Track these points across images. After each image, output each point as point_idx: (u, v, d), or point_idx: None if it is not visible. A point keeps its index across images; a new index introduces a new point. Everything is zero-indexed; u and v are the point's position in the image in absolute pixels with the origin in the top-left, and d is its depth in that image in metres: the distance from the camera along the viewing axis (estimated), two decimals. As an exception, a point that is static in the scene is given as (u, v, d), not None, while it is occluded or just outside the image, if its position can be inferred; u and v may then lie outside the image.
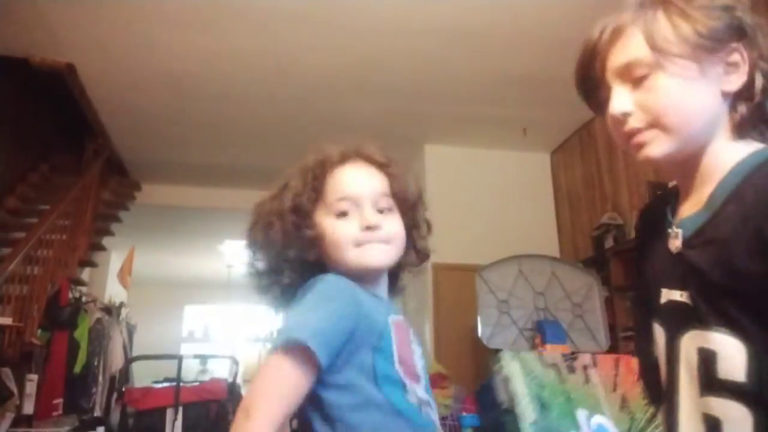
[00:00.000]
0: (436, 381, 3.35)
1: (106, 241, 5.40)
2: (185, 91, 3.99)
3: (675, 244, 0.73)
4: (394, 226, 0.85)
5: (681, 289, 0.71)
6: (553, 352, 2.69)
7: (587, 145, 4.45)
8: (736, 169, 0.70)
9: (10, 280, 3.71)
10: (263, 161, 5.29)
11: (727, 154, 0.71)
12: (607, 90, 0.76)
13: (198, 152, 5.05)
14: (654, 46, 0.71)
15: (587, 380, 0.64)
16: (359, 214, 0.83)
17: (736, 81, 0.71)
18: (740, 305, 0.65)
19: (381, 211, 0.85)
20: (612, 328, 3.14)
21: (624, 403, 0.72)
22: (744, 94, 0.71)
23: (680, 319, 0.71)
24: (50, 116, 5.14)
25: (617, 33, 0.76)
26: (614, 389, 0.69)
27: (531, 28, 3.31)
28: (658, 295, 0.75)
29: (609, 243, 3.82)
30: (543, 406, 0.60)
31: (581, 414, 0.59)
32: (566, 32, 3.33)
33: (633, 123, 0.72)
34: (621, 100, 0.73)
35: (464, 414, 2.97)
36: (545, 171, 4.95)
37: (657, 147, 0.72)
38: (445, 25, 3.29)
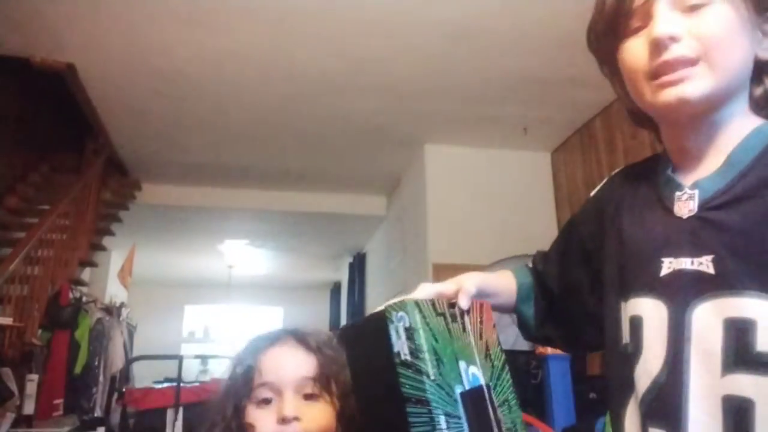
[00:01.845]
0: (436, 381, 3.35)
1: (106, 241, 5.40)
2: (185, 91, 3.99)
3: (687, 207, 0.67)
4: (316, 417, 0.78)
5: (696, 255, 0.64)
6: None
7: (588, 145, 4.45)
8: (760, 133, 0.66)
9: (11, 280, 3.71)
10: (263, 161, 5.30)
11: (743, 123, 0.68)
12: (645, 15, 0.67)
13: (198, 152, 5.05)
14: None
15: (464, 329, 0.63)
16: (279, 403, 0.77)
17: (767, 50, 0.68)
18: None
19: (308, 397, 0.79)
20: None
21: (487, 351, 0.69)
22: (766, 70, 0.68)
23: (691, 290, 0.63)
24: (50, 116, 5.14)
25: None
26: (480, 336, 0.67)
27: (531, 28, 3.31)
28: (655, 267, 0.67)
29: (609, 243, 3.82)
30: (438, 359, 0.57)
31: (462, 365, 0.58)
32: (566, 32, 3.33)
33: (680, 50, 0.64)
34: (669, 22, 0.65)
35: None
36: (545, 171, 4.95)
37: (699, 85, 0.64)
38: (446, 24, 3.28)
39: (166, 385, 5.01)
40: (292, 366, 0.80)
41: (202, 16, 3.21)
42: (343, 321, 8.37)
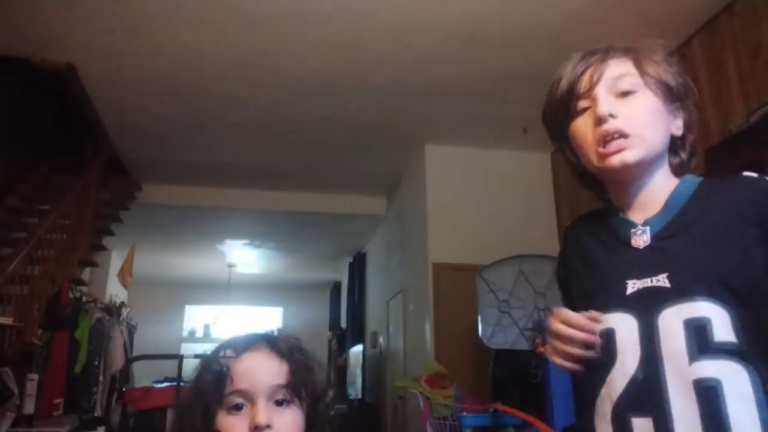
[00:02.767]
0: (436, 381, 3.35)
1: (106, 240, 5.40)
2: (185, 91, 3.99)
3: (642, 239, 0.87)
4: (288, 423, 0.79)
5: (654, 275, 0.82)
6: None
7: (587, 144, 4.45)
8: (685, 184, 0.89)
9: (11, 280, 3.71)
10: (263, 161, 5.30)
11: (668, 180, 0.90)
12: (590, 99, 0.89)
13: (198, 152, 5.05)
14: (642, 70, 0.88)
15: None
16: (251, 410, 0.77)
17: (678, 128, 0.90)
18: (721, 276, 0.77)
19: (280, 403, 0.79)
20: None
21: None
22: (678, 144, 0.91)
23: (655, 301, 0.81)
24: (50, 116, 5.14)
25: (608, 54, 0.91)
26: None
27: (532, 28, 3.31)
28: (621, 288, 0.85)
29: (609, 243, 3.82)
30: None
31: None
32: (567, 32, 3.33)
33: (617, 124, 0.85)
34: (609, 103, 0.87)
35: (464, 414, 2.97)
36: (545, 171, 4.94)
37: (632, 153, 0.85)
38: (446, 25, 3.29)
39: (166, 384, 5.01)
40: (265, 374, 0.80)
41: (202, 16, 3.21)
42: (343, 321, 8.37)
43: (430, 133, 4.67)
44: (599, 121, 0.86)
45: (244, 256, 8.07)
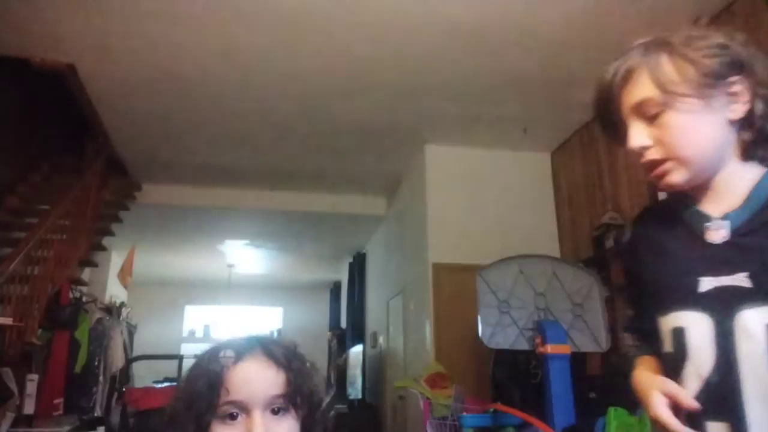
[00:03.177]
0: (436, 381, 3.35)
1: (106, 241, 5.40)
2: (185, 91, 3.99)
3: (720, 234, 0.81)
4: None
5: (732, 273, 0.77)
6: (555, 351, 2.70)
7: (587, 145, 4.45)
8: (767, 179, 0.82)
9: (11, 280, 3.71)
10: (263, 161, 5.30)
11: (741, 173, 0.83)
12: (625, 126, 0.86)
13: (198, 152, 5.05)
14: (662, 88, 0.81)
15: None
16: (247, 421, 0.75)
17: (739, 109, 0.81)
18: None
19: (276, 411, 0.77)
20: (612, 329, 3.14)
21: None
22: (748, 120, 0.82)
23: (732, 301, 0.76)
24: (50, 116, 5.14)
25: (628, 75, 0.85)
26: None
27: (531, 28, 3.31)
28: (691, 284, 0.81)
29: (609, 243, 3.82)
30: None
31: None
32: (567, 33, 3.33)
33: (651, 155, 0.83)
34: (638, 135, 0.83)
35: (465, 414, 2.97)
36: (545, 171, 4.95)
37: (677, 176, 0.82)
38: (446, 24, 3.29)
39: (165, 384, 5.01)
40: (261, 384, 0.77)
41: (202, 16, 3.21)
42: (343, 321, 8.37)
43: (430, 133, 4.67)
44: (634, 155, 0.84)
45: (244, 256, 8.08)
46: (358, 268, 7.61)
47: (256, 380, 0.77)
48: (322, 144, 4.89)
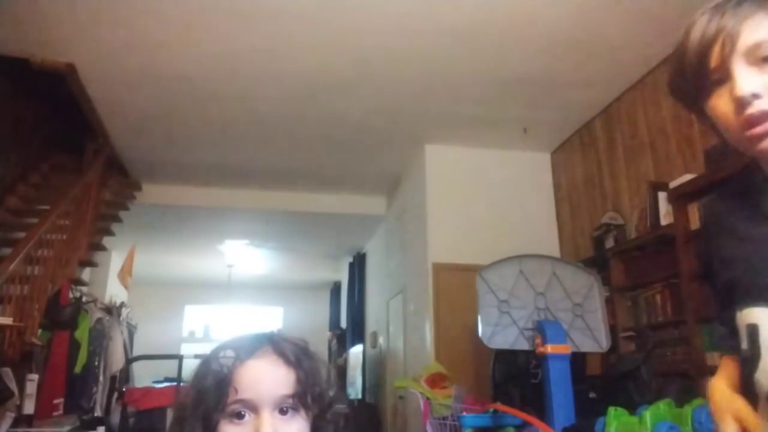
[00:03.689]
0: (436, 381, 3.35)
1: (106, 240, 5.40)
2: (185, 91, 3.99)
3: None
4: None
5: None
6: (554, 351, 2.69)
7: (587, 145, 4.45)
8: None
9: (11, 280, 3.71)
10: (263, 161, 5.30)
11: None
12: (725, 73, 0.74)
13: (198, 152, 5.05)
14: None
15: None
16: (255, 420, 0.74)
17: None
18: None
19: (285, 411, 0.75)
20: (612, 329, 3.15)
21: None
22: None
23: None
24: (50, 116, 5.14)
25: (741, 14, 0.74)
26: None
27: (531, 28, 3.31)
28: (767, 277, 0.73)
29: (609, 243, 3.82)
30: None
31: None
32: (567, 33, 3.33)
33: (762, 105, 0.71)
34: (750, 80, 0.72)
35: (464, 414, 2.97)
36: (545, 171, 4.95)
37: None
38: (445, 25, 3.29)
39: (165, 384, 5.02)
40: (271, 384, 0.75)
41: (202, 16, 3.21)
42: (343, 321, 8.37)
43: (430, 133, 4.67)
44: (741, 104, 0.72)
45: (244, 256, 8.08)
46: (358, 268, 7.61)
47: (266, 379, 0.75)
48: (323, 144, 4.89)
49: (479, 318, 2.89)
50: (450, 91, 4.02)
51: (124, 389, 4.44)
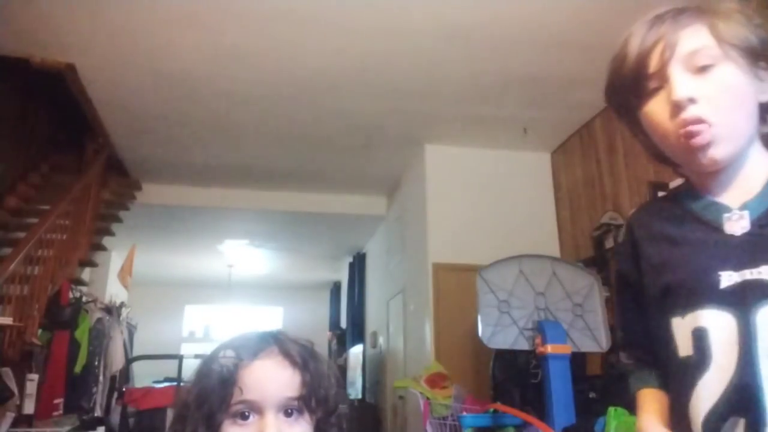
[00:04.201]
0: (436, 381, 3.35)
1: (106, 240, 5.40)
2: (185, 91, 3.99)
3: (740, 225, 0.75)
4: None
5: (755, 266, 0.72)
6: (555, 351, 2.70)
7: (587, 145, 4.45)
8: None
9: (11, 280, 3.71)
10: (263, 161, 5.30)
11: (763, 157, 0.79)
12: (662, 79, 0.76)
13: (198, 152, 5.05)
14: (720, 38, 0.74)
15: None
16: (259, 422, 0.73)
17: (765, 92, 0.77)
18: None
19: (289, 413, 0.75)
20: (612, 329, 3.15)
21: None
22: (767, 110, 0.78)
23: (755, 297, 0.71)
24: (50, 116, 5.14)
25: (679, 24, 0.77)
26: None
27: (531, 28, 3.31)
28: (711, 280, 0.74)
29: (609, 243, 3.83)
30: None
31: None
32: (567, 33, 3.33)
33: (697, 111, 0.73)
34: (686, 85, 0.74)
35: (464, 414, 2.97)
36: (545, 171, 4.95)
37: (723, 147, 0.74)
38: (445, 25, 3.29)
39: (166, 384, 5.02)
40: (276, 385, 0.74)
41: (202, 16, 3.21)
42: (343, 321, 8.37)
43: (430, 133, 4.67)
44: (677, 107, 0.74)
45: (244, 256, 8.08)
46: (358, 268, 7.61)
47: (271, 380, 0.75)
48: (322, 144, 4.89)
49: (479, 318, 2.89)
50: (450, 91, 4.02)
51: (124, 389, 4.44)
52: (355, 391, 6.36)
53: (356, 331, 7.20)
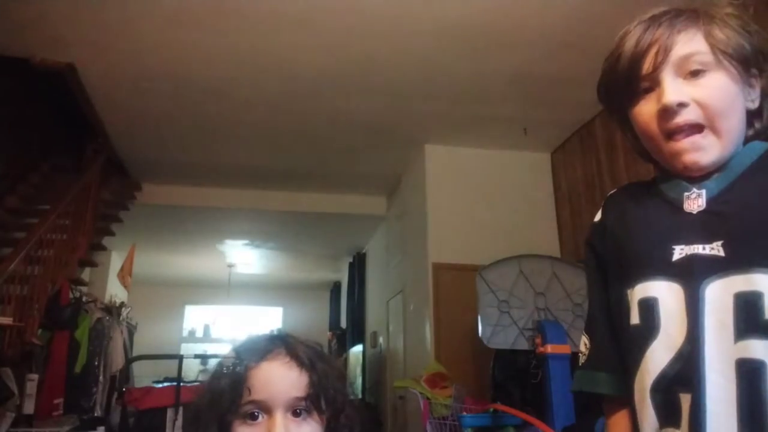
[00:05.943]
0: (436, 381, 3.35)
1: (106, 240, 5.40)
2: (185, 91, 3.99)
3: (696, 203, 0.78)
4: None
5: (707, 242, 0.74)
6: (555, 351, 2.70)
7: (587, 145, 4.45)
8: (750, 147, 0.79)
9: (11, 280, 3.71)
10: (263, 161, 5.30)
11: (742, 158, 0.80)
12: (654, 81, 0.78)
13: (198, 152, 5.05)
14: (714, 45, 0.76)
15: None
16: (268, 422, 0.75)
17: (755, 101, 0.79)
18: None
19: (298, 413, 0.76)
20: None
21: None
22: (756, 116, 0.80)
23: (704, 271, 0.73)
24: (50, 116, 5.14)
25: (675, 28, 0.79)
26: None
27: (531, 28, 3.31)
28: (666, 254, 0.77)
29: (609, 243, 3.82)
30: None
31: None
32: (567, 33, 3.33)
33: (688, 115, 0.76)
34: (677, 89, 0.76)
35: (464, 414, 2.97)
36: (545, 171, 4.95)
37: (710, 153, 0.77)
38: (445, 25, 3.29)
39: (166, 384, 5.00)
40: (284, 385, 0.76)
41: (202, 16, 3.21)
42: (343, 321, 8.37)
43: (430, 133, 4.67)
44: (666, 111, 0.76)
45: (244, 256, 8.08)
46: (358, 268, 7.61)
47: (279, 381, 0.77)
48: (322, 144, 4.89)
49: (479, 318, 2.89)
50: (450, 91, 4.02)
51: (124, 389, 4.44)
52: (355, 391, 6.36)
53: (356, 331, 7.19)
